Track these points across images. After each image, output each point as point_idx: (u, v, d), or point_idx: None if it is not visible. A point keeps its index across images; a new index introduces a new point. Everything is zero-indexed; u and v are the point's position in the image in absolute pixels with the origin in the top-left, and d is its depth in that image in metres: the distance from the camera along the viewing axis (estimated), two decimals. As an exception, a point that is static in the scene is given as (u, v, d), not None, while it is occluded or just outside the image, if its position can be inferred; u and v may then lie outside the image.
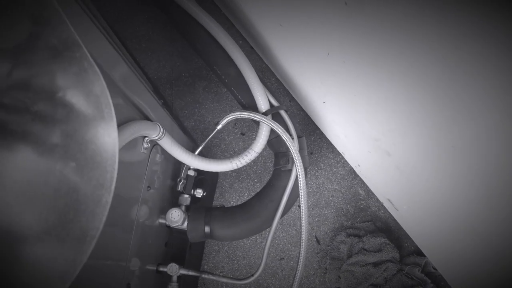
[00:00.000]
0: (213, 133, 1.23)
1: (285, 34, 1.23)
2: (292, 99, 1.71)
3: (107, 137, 0.48)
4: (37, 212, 0.46)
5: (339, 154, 1.67)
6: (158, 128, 1.02)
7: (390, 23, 0.74)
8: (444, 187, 0.99)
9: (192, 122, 1.72)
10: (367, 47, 0.84)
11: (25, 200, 0.46)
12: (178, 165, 1.31)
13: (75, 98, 0.48)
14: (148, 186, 1.10)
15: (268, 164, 1.69)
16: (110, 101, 0.49)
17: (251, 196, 1.29)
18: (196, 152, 1.22)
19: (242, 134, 1.72)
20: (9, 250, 0.47)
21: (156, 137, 1.03)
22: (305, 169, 1.24)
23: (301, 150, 1.25)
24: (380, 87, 0.93)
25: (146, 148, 1.06)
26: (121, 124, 0.85)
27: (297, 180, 1.18)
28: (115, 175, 0.47)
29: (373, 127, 1.14)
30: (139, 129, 0.91)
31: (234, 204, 1.66)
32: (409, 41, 0.73)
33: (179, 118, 1.70)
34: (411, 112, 0.89)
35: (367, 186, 1.64)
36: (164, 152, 1.16)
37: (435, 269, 1.51)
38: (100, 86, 0.48)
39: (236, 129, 1.72)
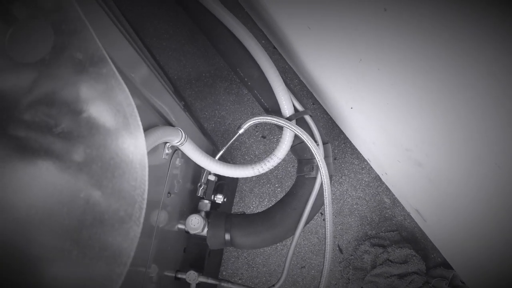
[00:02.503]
0: (234, 138, 1.19)
1: (314, 37, 1.18)
2: (315, 102, 1.66)
3: (137, 164, 0.44)
4: (59, 244, 0.42)
5: (365, 160, 1.62)
6: (180, 133, 0.99)
7: (431, 32, 0.68)
8: (482, 204, 0.94)
9: (212, 124, 1.69)
10: (405, 55, 0.79)
11: (47, 230, 0.42)
12: (198, 169, 1.28)
13: (101, 115, 0.44)
14: (169, 192, 1.07)
15: (289, 168, 1.65)
16: (140, 123, 0.46)
17: (272, 202, 1.25)
18: (217, 157, 1.18)
19: (263, 137, 1.67)
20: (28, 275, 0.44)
21: (178, 143, 1.00)
22: (330, 176, 1.20)
23: (326, 157, 1.20)
24: (418, 97, 0.88)
25: (167, 154, 1.03)
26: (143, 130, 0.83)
27: (322, 189, 1.14)
28: (145, 206, 0.43)
29: (405, 136, 1.09)
30: (161, 136, 0.88)
31: (254, 210, 1.62)
32: (453, 52, 0.68)
33: (199, 119, 1.67)
34: (450, 125, 0.84)
35: (393, 195, 1.58)
36: (184, 155, 1.13)
37: (463, 282, 1.46)
38: (129, 108, 0.44)
39: (257, 131, 1.68)
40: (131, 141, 0.46)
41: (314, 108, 1.67)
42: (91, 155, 0.43)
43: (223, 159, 1.17)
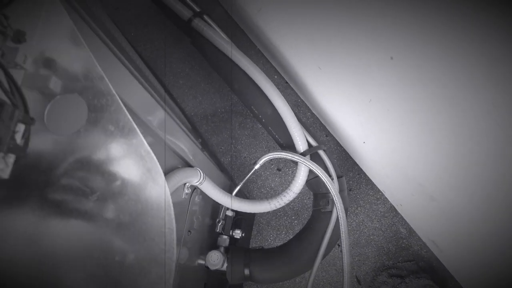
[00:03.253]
0: (250, 173, 1.22)
1: (324, 76, 1.22)
2: (328, 134, 1.69)
3: (168, 233, 0.48)
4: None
5: (379, 191, 1.63)
6: (199, 173, 1.03)
7: (437, 77, 0.72)
8: (498, 235, 0.95)
9: (228, 158, 1.73)
10: (413, 98, 0.83)
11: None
12: (216, 204, 1.31)
13: (130, 176, 0.48)
14: (189, 230, 1.10)
15: (305, 200, 1.67)
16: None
17: (289, 235, 1.27)
18: (234, 193, 1.21)
19: (279, 169, 1.70)
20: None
21: (197, 183, 1.04)
22: (346, 210, 1.22)
23: (341, 191, 1.22)
24: (428, 136, 0.91)
25: (187, 194, 1.06)
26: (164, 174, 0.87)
27: (338, 222, 1.15)
28: (174, 268, 0.46)
29: (418, 172, 1.11)
30: (181, 178, 0.92)
31: (272, 242, 1.64)
32: (458, 94, 0.71)
33: (216, 154, 1.71)
34: (461, 162, 0.86)
35: (409, 225, 1.58)
36: (203, 192, 1.16)
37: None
38: (154, 166, 0.48)
39: (272, 164, 1.72)
40: (157, 191, 0.51)
41: (327, 140, 1.70)
42: (122, 215, 0.48)
43: (240, 193, 1.20)
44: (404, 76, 0.80)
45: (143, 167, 0.50)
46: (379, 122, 1.08)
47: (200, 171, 1.04)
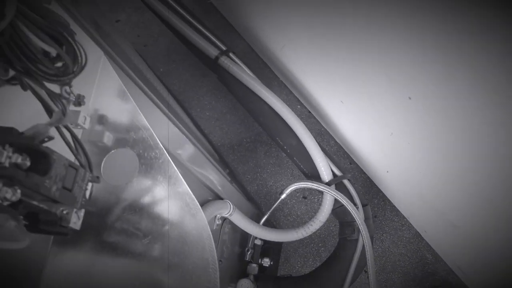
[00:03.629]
0: (277, 203, 1.26)
1: (346, 110, 1.28)
2: (352, 162, 1.74)
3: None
4: None
5: (404, 217, 1.66)
6: (229, 205, 1.08)
7: (452, 115, 0.77)
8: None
9: (255, 186, 1.79)
10: (433, 133, 0.87)
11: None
12: (245, 233, 1.35)
13: (178, 225, 0.55)
14: (220, 260, 1.14)
15: (331, 228, 1.71)
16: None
17: (316, 262, 1.30)
18: (262, 222, 1.26)
19: (304, 197, 1.75)
20: None
21: (227, 214, 1.09)
22: (371, 237, 1.25)
23: (366, 219, 1.25)
24: (449, 168, 0.94)
25: (218, 224, 1.11)
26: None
27: (364, 249, 1.18)
28: None
29: (439, 201, 1.14)
30: (213, 211, 0.98)
31: (300, 270, 1.67)
32: (474, 127, 0.75)
33: (242, 183, 1.77)
34: (485, 195, 0.89)
35: (434, 251, 1.60)
36: (232, 222, 1.21)
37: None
38: (202, 220, 0.55)
39: (298, 193, 1.76)
40: (200, 234, 0.57)
41: (351, 168, 1.74)
42: (171, 256, 0.54)
43: (267, 221, 1.24)
44: (422, 114, 0.84)
45: (189, 213, 0.56)
46: (401, 153, 1.13)
47: (230, 203, 1.10)
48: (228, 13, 1.90)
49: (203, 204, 0.99)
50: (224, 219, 1.17)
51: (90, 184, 0.47)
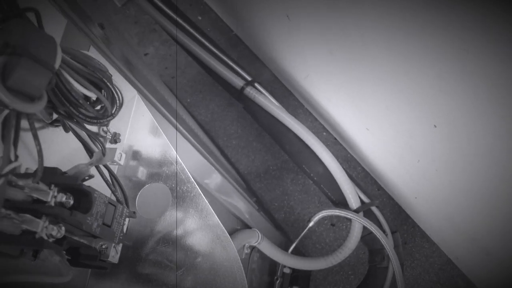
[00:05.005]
0: (305, 231, 1.27)
1: (372, 137, 1.28)
2: (380, 188, 1.72)
3: None
4: None
5: (434, 244, 1.62)
6: (257, 234, 1.10)
7: (480, 142, 0.77)
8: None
9: (282, 214, 1.79)
10: (460, 160, 0.87)
11: None
12: (273, 261, 1.35)
13: (210, 258, 0.57)
14: (249, 291, 1.15)
15: (360, 255, 1.68)
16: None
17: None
18: (290, 250, 1.26)
19: (332, 225, 1.74)
20: None
21: (256, 243, 1.10)
22: (402, 265, 1.23)
23: (395, 246, 1.24)
24: (479, 194, 0.94)
25: (246, 254, 1.13)
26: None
27: (394, 277, 1.17)
28: None
29: (471, 226, 1.12)
30: (242, 240, 1.00)
31: (329, 299, 1.65)
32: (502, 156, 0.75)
33: (270, 211, 1.78)
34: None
35: (467, 278, 1.55)
36: (260, 250, 1.22)
37: None
38: (233, 253, 0.57)
39: (325, 220, 1.76)
40: (232, 267, 0.59)
41: (379, 194, 1.73)
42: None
43: (295, 249, 1.24)
44: (449, 142, 0.85)
45: (220, 245, 0.58)
46: (429, 179, 1.12)
47: (258, 232, 1.11)
48: (251, 43, 1.96)
49: (231, 233, 1.01)
50: (252, 248, 1.18)
51: (127, 219, 0.50)
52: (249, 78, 1.57)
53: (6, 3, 0.38)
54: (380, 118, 1.12)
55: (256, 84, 1.55)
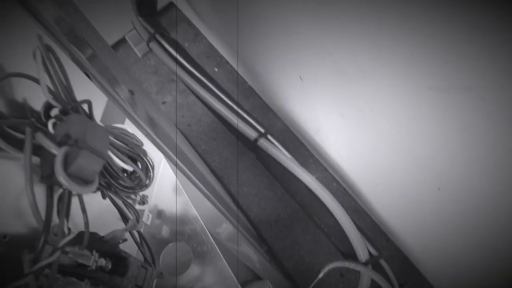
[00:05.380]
0: (314, 282, 1.30)
1: (381, 191, 1.33)
2: (388, 240, 1.75)
3: None
4: None
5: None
6: (268, 285, 1.13)
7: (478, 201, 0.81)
8: None
9: (292, 263, 1.81)
10: (465, 221, 0.91)
11: None
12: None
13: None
14: None
15: (369, 306, 1.69)
16: None
17: None
18: (301, 302, 1.28)
19: (342, 275, 1.76)
20: None
21: (267, 295, 1.13)
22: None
23: (404, 300, 1.26)
24: (484, 250, 0.97)
25: (258, 305, 1.16)
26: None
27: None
28: None
29: (478, 280, 1.14)
30: (255, 292, 1.03)
31: None
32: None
33: (280, 260, 1.80)
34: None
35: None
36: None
37: None
38: None
39: (335, 270, 1.77)
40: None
41: (387, 246, 1.75)
42: None
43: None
44: (452, 204, 0.89)
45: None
46: (434, 237, 1.15)
47: (269, 283, 1.14)
48: (265, 95, 2.05)
49: (244, 284, 1.05)
50: (263, 299, 1.21)
51: (155, 280, 0.55)
52: (262, 130, 1.64)
53: (66, 95, 0.45)
54: (386, 178, 1.17)
55: (269, 136, 1.62)
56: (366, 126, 1.06)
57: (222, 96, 1.76)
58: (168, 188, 0.77)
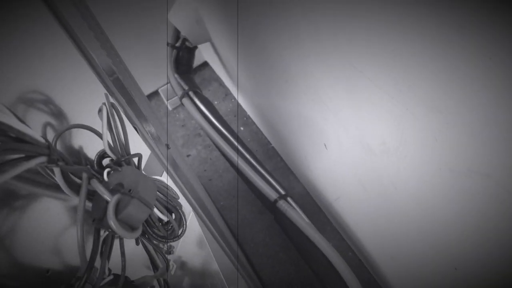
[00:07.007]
0: None
1: (396, 266, 1.33)
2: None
3: None
4: None
5: None
6: None
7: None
8: None
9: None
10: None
11: None
12: None
13: None
14: None
15: None
16: None
17: None
18: None
19: None
20: None
21: None
22: None
23: None
24: None
25: None
26: None
27: None
28: None
29: None
30: None
31: None
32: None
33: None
34: None
35: None
36: None
37: None
38: None
39: None
40: None
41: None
42: None
43: None
44: (470, 285, 0.89)
45: None
46: None
47: None
48: (287, 157, 2.10)
49: None
50: None
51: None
52: (282, 192, 1.68)
53: (122, 148, 0.51)
54: (406, 252, 1.18)
55: (288, 199, 1.65)
56: (387, 202, 1.09)
57: (245, 154, 1.82)
58: (193, 241, 0.80)
